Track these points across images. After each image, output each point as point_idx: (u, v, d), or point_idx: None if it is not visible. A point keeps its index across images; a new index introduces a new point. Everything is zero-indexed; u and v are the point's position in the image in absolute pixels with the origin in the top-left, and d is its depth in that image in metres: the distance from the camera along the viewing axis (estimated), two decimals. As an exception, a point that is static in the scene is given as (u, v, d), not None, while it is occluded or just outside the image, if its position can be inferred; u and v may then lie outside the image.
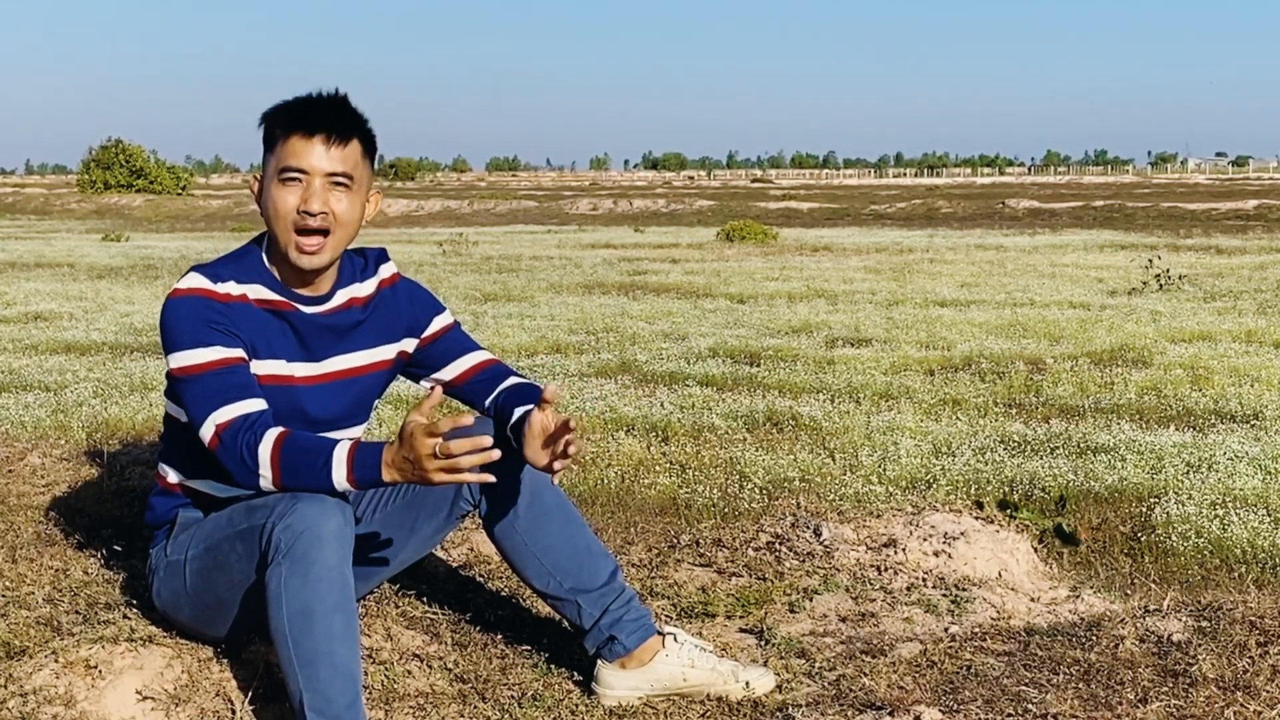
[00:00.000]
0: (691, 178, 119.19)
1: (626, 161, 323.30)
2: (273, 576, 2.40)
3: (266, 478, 2.48)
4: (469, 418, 2.39)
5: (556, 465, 2.59)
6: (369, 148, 2.66)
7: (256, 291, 2.63)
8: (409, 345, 2.83)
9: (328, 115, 2.59)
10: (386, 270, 2.81)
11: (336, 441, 2.48)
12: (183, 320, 2.56)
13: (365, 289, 2.75)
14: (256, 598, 2.47)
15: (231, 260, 2.67)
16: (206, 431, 2.52)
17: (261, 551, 2.45)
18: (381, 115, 2.69)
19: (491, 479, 2.42)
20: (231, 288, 2.61)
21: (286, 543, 2.39)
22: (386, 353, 2.80)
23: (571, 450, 2.56)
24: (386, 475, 2.42)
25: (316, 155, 2.57)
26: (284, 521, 2.40)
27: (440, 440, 2.34)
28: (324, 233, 2.59)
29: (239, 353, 2.57)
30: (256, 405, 2.53)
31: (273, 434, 2.48)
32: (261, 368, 2.61)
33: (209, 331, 2.55)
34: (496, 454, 2.36)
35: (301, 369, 2.67)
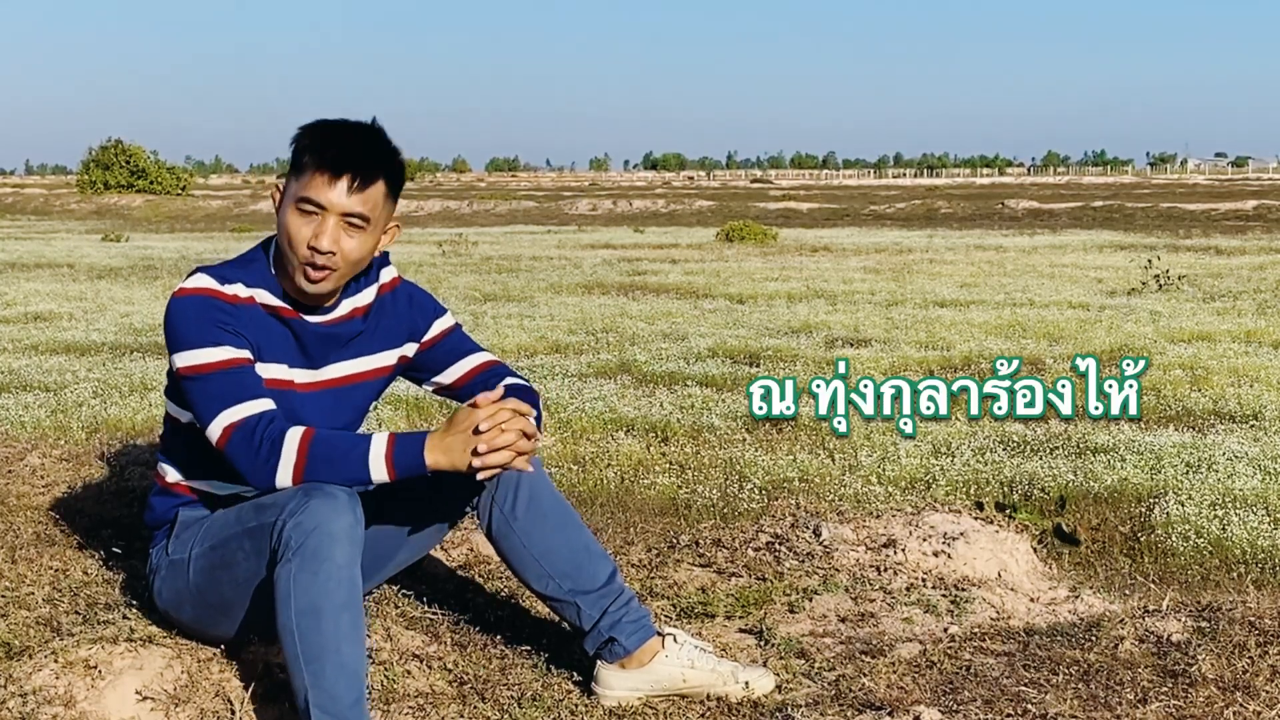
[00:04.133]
0: (691, 178, 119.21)
1: (626, 162, 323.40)
2: (282, 573, 2.41)
3: (287, 470, 2.48)
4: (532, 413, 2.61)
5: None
6: (394, 185, 2.65)
7: (262, 296, 2.64)
8: (409, 350, 2.84)
9: (356, 155, 2.57)
10: (387, 275, 2.81)
11: (372, 434, 2.52)
12: (190, 319, 2.56)
13: (366, 297, 2.75)
14: (263, 595, 2.48)
15: (238, 265, 2.67)
16: (215, 429, 2.52)
17: (271, 549, 2.45)
18: (381, 115, 2.69)
19: (530, 469, 2.60)
20: (239, 290, 2.61)
21: (297, 540, 2.40)
22: (387, 359, 2.81)
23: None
24: (430, 458, 2.48)
25: (336, 194, 2.56)
26: (295, 519, 2.41)
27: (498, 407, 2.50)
28: (328, 268, 2.60)
29: (246, 354, 2.57)
30: (268, 404, 2.54)
31: (299, 428, 2.51)
32: (263, 371, 2.62)
33: (217, 331, 2.55)
34: (532, 425, 2.56)
35: (301, 375, 2.68)
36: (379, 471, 2.48)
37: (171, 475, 2.76)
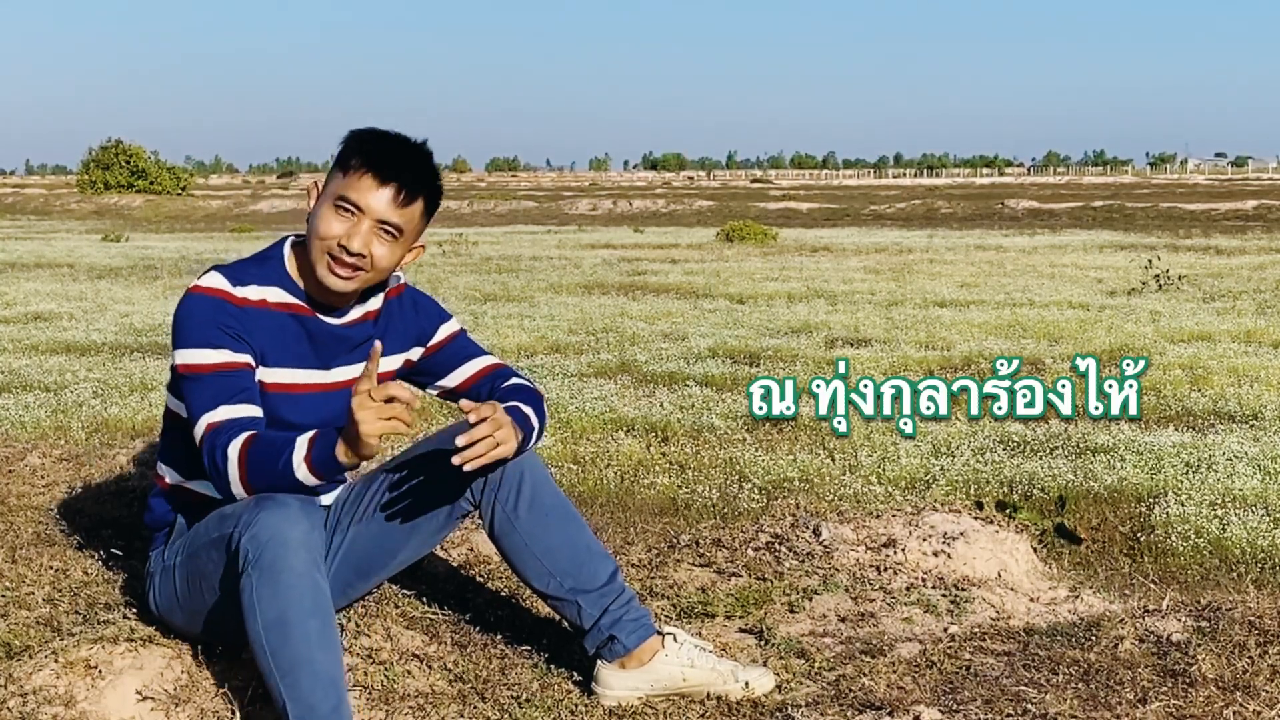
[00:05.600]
0: (691, 178, 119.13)
1: (626, 162, 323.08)
2: (245, 587, 2.39)
3: (235, 481, 2.48)
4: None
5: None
6: (431, 207, 2.67)
7: (277, 295, 2.64)
8: (415, 354, 2.85)
9: (407, 169, 2.59)
10: (392, 280, 2.82)
11: (297, 436, 2.47)
12: (195, 318, 2.56)
13: (375, 302, 2.77)
14: (235, 605, 2.46)
15: (255, 262, 2.67)
16: (199, 430, 2.53)
17: (231, 560, 2.45)
18: (381, 115, 2.70)
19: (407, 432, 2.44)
20: (251, 292, 2.61)
21: (254, 552, 2.38)
22: (392, 362, 2.81)
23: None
24: (340, 452, 2.41)
25: (378, 200, 2.57)
26: (249, 531, 2.39)
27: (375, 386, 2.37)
28: (357, 269, 2.60)
29: (245, 359, 2.57)
30: (250, 411, 2.53)
31: (244, 435, 2.48)
32: (270, 375, 2.62)
33: (220, 334, 2.55)
34: (416, 401, 2.40)
35: (310, 376, 2.68)
36: (304, 474, 2.44)
37: (171, 478, 2.77)
